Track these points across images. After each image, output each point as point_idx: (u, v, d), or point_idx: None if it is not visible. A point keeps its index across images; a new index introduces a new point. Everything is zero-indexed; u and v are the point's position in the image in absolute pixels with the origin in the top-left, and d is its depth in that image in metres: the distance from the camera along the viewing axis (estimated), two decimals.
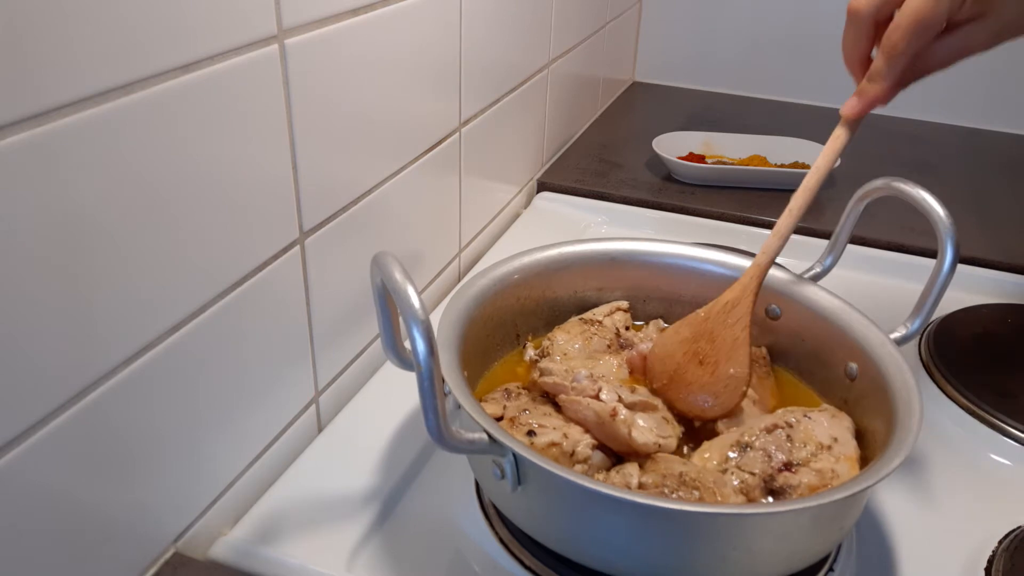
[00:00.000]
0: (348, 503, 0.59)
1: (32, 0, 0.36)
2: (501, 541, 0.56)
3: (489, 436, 0.47)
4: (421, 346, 0.42)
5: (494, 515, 0.58)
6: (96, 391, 0.44)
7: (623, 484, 0.51)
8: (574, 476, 0.46)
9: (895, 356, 0.57)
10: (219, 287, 0.52)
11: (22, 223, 0.38)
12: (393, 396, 0.69)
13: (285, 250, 0.58)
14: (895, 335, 0.61)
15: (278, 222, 0.56)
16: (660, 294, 0.71)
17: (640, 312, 0.71)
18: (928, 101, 1.38)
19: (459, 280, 0.90)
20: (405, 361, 0.51)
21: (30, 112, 0.37)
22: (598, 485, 0.46)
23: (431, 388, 0.43)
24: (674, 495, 0.50)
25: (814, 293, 0.65)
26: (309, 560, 0.54)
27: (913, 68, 0.58)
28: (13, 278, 0.38)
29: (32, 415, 0.40)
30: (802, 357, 0.66)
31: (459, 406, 0.50)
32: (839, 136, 0.62)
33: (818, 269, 0.69)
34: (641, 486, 0.51)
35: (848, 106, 0.61)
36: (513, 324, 0.67)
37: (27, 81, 0.37)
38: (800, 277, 0.67)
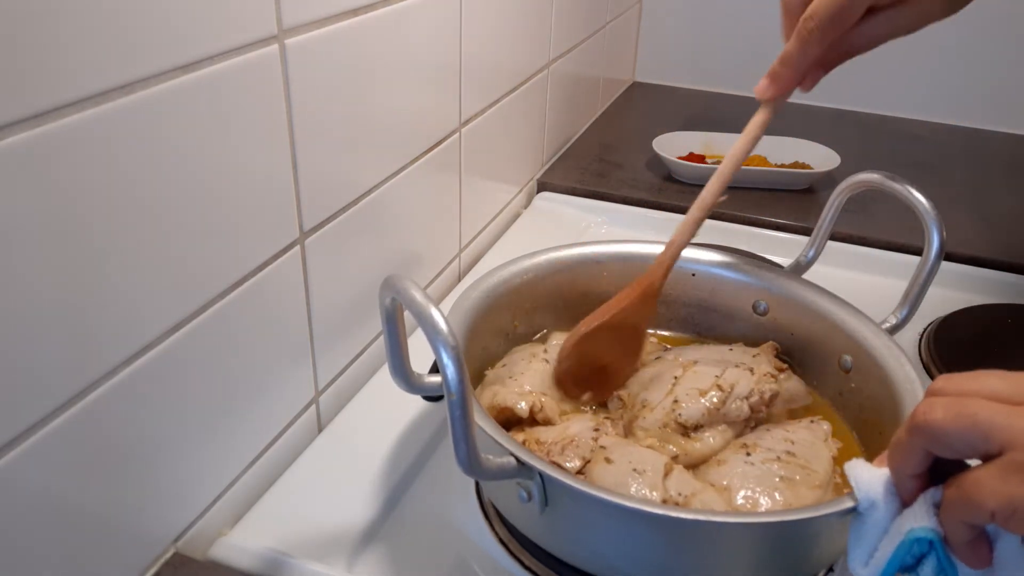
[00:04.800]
0: (348, 503, 0.59)
1: (31, 0, 0.36)
2: (501, 541, 0.56)
3: (517, 459, 0.46)
4: (452, 372, 0.40)
5: (494, 515, 0.58)
6: (96, 392, 0.44)
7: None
8: (605, 494, 0.45)
9: (892, 347, 0.58)
10: (219, 287, 0.52)
11: (20, 224, 0.38)
12: (393, 396, 0.69)
13: (285, 250, 0.58)
14: (886, 325, 0.62)
15: (278, 222, 0.56)
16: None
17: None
18: (928, 101, 1.38)
19: (459, 280, 0.90)
20: (414, 386, 0.48)
21: (29, 112, 0.37)
22: (631, 501, 0.45)
23: (463, 417, 0.41)
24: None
25: (801, 287, 0.65)
26: (309, 560, 0.54)
27: (836, 51, 0.57)
28: (10, 280, 0.38)
29: (30, 416, 0.40)
30: (793, 351, 0.66)
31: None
32: (756, 120, 0.60)
33: (801, 263, 0.69)
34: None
35: (760, 87, 0.59)
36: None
37: (26, 81, 0.37)
38: (784, 272, 0.67)
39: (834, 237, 0.95)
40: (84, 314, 0.42)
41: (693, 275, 0.69)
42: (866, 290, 0.70)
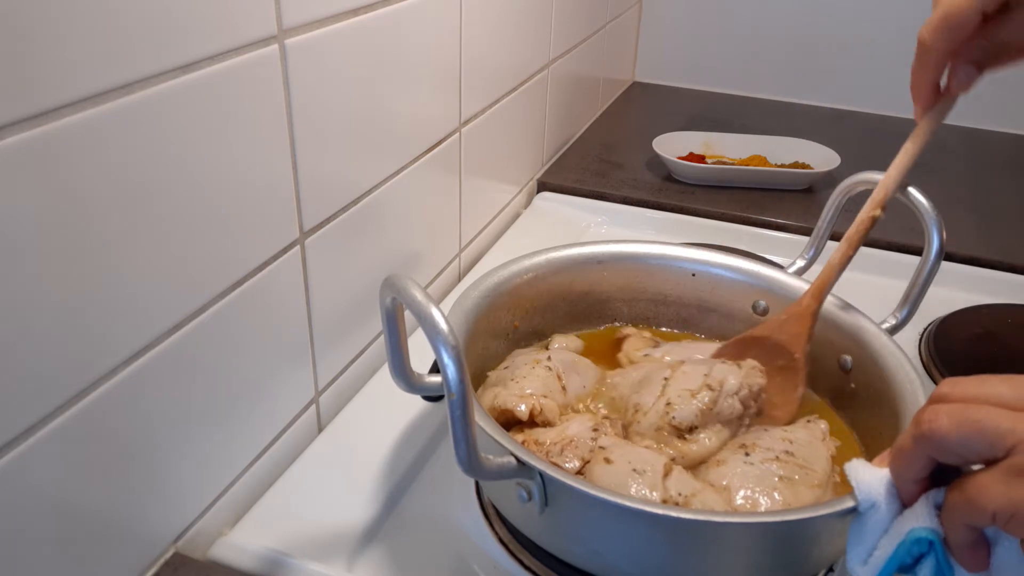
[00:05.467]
0: (348, 503, 0.59)
1: (31, 1, 0.36)
2: (501, 541, 0.56)
3: (517, 459, 0.46)
4: (452, 372, 0.40)
5: (494, 515, 0.58)
6: (96, 391, 0.44)
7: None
8: (605, 494, 0.44)
9: (891, 347, 0.58)
10: (219, 287, 0.52)
11: (21, 224, 0.38)
12: (393, 396, 0.69)
13: (285, 250, 0.58)
14: (886, 325, 0.62)
15: (278, 222, 0.56)
16: (647, 295, 0.71)
17: (628, 313, 0.71)
18: None
19: (459, 280, 0.90)
20: (415, 386, 0.49)
21: (29, 112, 0.37)
22: (631, 501, 0.45)
23: (464, 417, 0.41)
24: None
25: (801, 287, 0.65)
26: (309, 560, 0.54)
27: (986, 54, 0.59)
28: (10, 280, 0.38)
29: (31, 416, 0.41)
30: None
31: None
32: (916, 131, 0.62)
33: (801, 263, 0.69)
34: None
35: (914, 111, 0.61)
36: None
37: (26, 81, 0.37)
38: (784, 271, 0.67)
39: (834, 237, 0.94)
40: (84, 314, 0.42)
41: (693, 275, 0.70)
42: (866, 290, 0.70)
